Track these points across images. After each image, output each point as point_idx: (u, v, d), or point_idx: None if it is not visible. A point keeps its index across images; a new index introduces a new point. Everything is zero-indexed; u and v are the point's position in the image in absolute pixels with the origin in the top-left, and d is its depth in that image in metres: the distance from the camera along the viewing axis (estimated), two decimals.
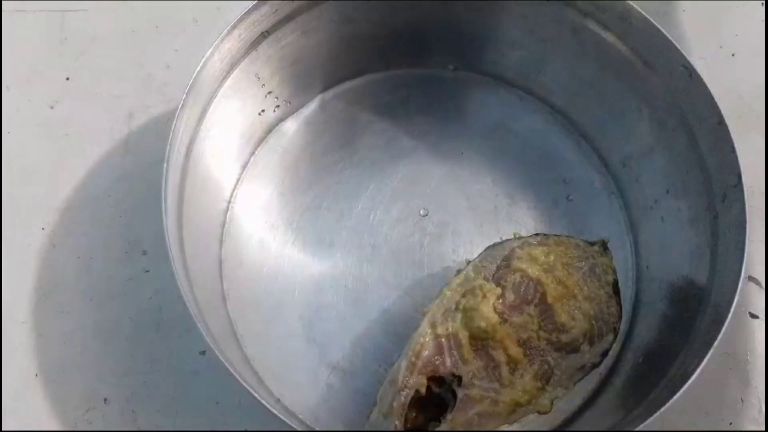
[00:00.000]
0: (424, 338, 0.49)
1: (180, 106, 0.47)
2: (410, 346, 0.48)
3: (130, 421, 0.53)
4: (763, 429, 0.54)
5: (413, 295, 0.55)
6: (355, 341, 0.54)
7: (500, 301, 0.50)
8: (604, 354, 0.50)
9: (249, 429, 0.52)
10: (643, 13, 0.49)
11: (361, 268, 0.56)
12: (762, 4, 0.67)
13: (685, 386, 0.42)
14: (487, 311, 0.48)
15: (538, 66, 0.58)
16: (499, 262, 0.51)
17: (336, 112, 0.62)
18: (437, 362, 0.48)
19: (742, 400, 0.55)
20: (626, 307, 0.54)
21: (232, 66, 0.52)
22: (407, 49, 0.61)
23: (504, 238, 0.54)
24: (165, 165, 0.45)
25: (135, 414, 0.53)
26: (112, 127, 0.62)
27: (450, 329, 0.49)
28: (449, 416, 0.47)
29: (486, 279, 0.51)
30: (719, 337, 0.43)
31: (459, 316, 0.49)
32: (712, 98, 0.47)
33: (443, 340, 0.49)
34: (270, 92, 0.58)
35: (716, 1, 0.67)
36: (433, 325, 0.49)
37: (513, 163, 0.60)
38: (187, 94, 0.47)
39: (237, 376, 0.42)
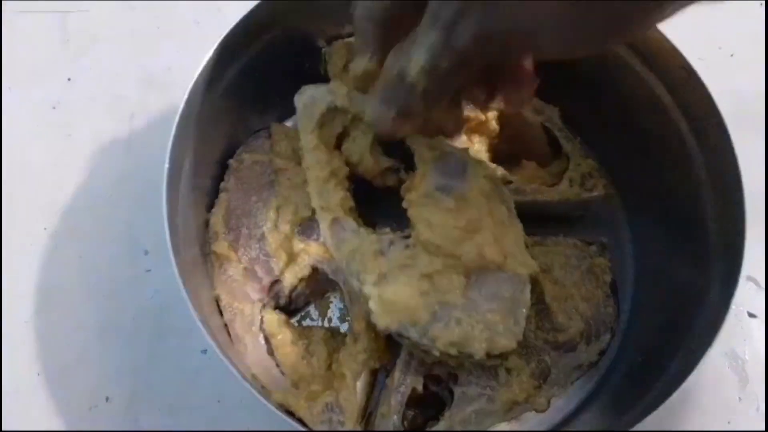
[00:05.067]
0: None
1: (181, 106, 0.47)
2: (405, 344, 0.49)
3: (131, 420, 0.53)
4: (762, 429, 0.54)
5: None
6: None
7: None
8: (602, 353, 0.51)
9: (250, 428, 0.52)
10: None
11: None
12: (761, 4, 0.67)
13: (683, 385, 0.42)
14: None
15: (538, 67, 0.58)
16: None
17: None
18: (433, 360, 0.48)
19: (740, 400, 0.55)
20: (624, 306, 0.55)
21: (233, 67, 0.52)
22: None
23: None
24: (166, 165, 0.46)
25: (137, 413, 0.53)
26: (114, 128, 0.62)
27: None
28: (447, 414, 0.47)
29: None
30: (717, 336, 0.43)
31: None
32: (711, 99, 0.47)
33: None
34: (271, 93, 0.58)
35: (715, 1, 0.67)
36: None
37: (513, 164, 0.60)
38: (188, 96, 0.47)
39: (238, 376, 0.43)
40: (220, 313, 0.51)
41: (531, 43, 0.33)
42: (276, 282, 0.51)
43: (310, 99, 0.51)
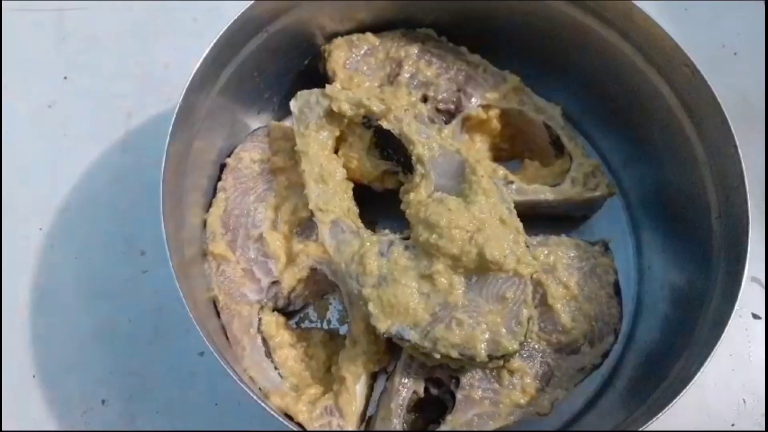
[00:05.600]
0: None
1: (178, 105, 0.46)
2: (405, 347, 0.48)
3: (128, 422, 0.53)
4: (765, 430, 0.53)
5: None
6: None
7: None
8: (605, 355, 0.50)
9: (247, 429, 0.52)
10: (646, 12, 0.49)
11: None
12: (763, 3, 0.67)
13: (688, 387, 0.41)
14: None
15: (540, 65, 0.58)
16: None
17: None
18: (434, 363, 0.48)
19: (744, 401, 0.54)
20: (628, 307, 0.54)
21: (231, 65, 0.52)
22: None
23: None
24: (163, 165, 0.45)
25: (133, 415, 0.53)
26: (111, 127, 0.62)
27: None
28: (449, 417, 0.47)
29: None
30: (721, 338, 0.42)
31: None
32: (714, 97, 0.47)
33: None
34: (268, 91, 0.57)
35: (718, 1, 0.67)
36: None
37: (515, 162, 0.59)
38: (185, 94, 0.47)
39: (235, 378, 0.42)
40: (218, 314, 0.50)
41: None
42: (275, 283, 0.50)
43: (305, 104, 0.51)
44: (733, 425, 0.54)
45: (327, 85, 0.51)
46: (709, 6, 0.67)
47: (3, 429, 0.52)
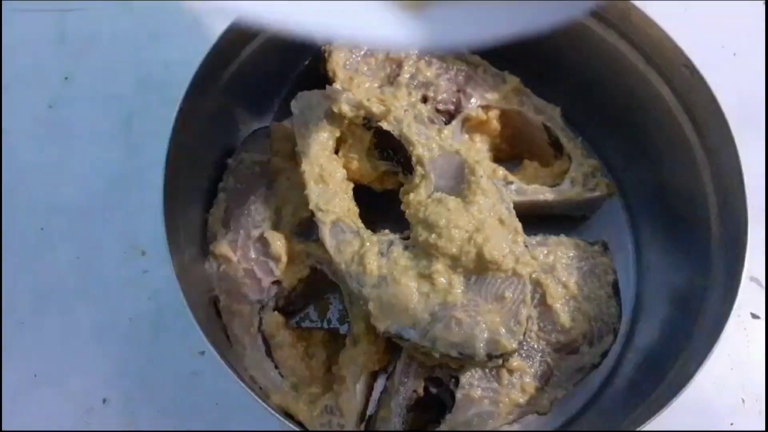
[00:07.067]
0: None
1: (178, 105, 0.47)
2: (405, 346, 0.48)
3: (129, 421, 0.53)
4: (764, 429, 0.53)
5: None
6: None
7: None
8: (604, 355, 0.50)
9: (247, 429, 0.52)
10: (645, 12, 0.49)
11: None
12: (763, 3, 0.67)
13: (687, 387, 0.42)
14: None
15: (540, 65, 0.58)
16: None
17: None
18: (434, 363, 0.48)
19: (743, 401, 0.55)
20: (627, 307, 0.54)
21: (231, 65, 0.52)
22: None
23: None
24: (163, 165, 0.45)
25: (134, 415, 0.53)
26: (112, 128, 0.62)
27: None
28: (449, 417, 0.47)
29: None
30: (720, 337, 0.42)
31: None
32: (714, 98, 0.47)
33: None
34: (269, 92, 0.58)
35: (718, 1, 0.67)
36: None
37: (515, 162, 0.59)
38: (185, 94, 0.47)
39: (236, 377, 0.42)
40: (219, 314, 0.50)
41: None
42: (275, 283, 0.51)
43: (306, 104, 0.51)
44: (732, 425, 0.54)
45: (327, 86, 0.51)
46: (709, 6, 0.67)
47: (3, 429, 0.52)
